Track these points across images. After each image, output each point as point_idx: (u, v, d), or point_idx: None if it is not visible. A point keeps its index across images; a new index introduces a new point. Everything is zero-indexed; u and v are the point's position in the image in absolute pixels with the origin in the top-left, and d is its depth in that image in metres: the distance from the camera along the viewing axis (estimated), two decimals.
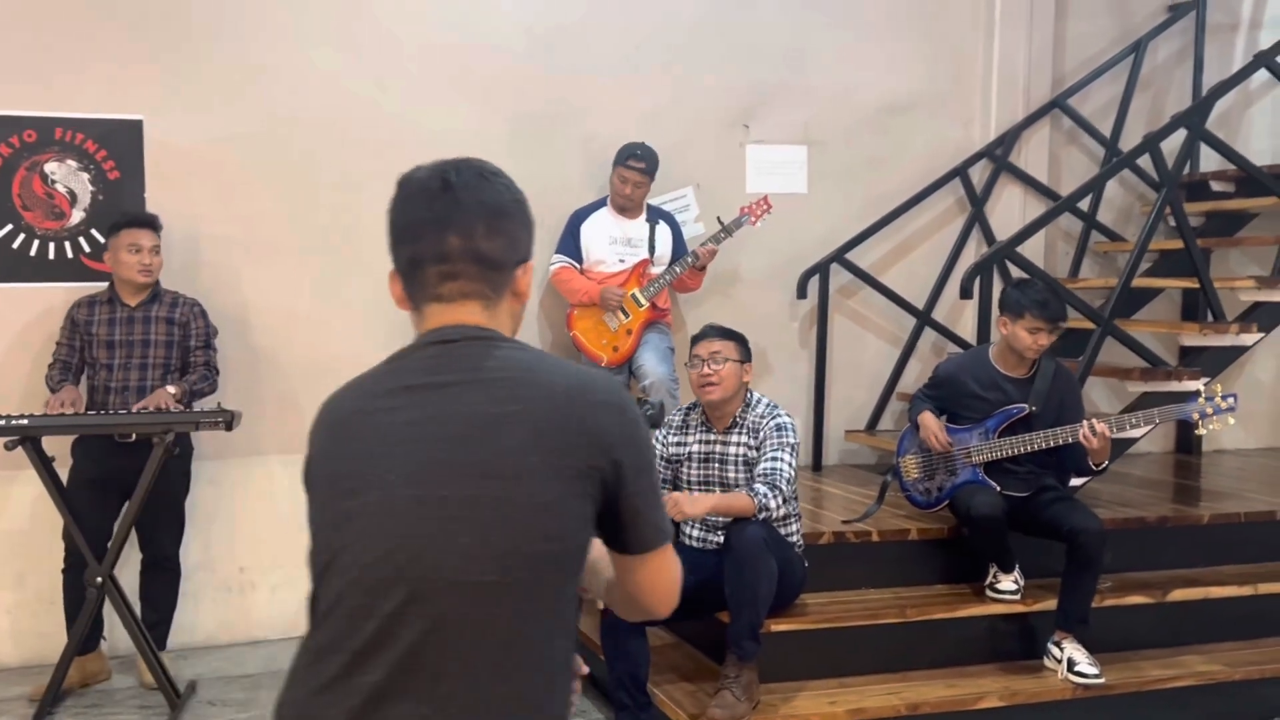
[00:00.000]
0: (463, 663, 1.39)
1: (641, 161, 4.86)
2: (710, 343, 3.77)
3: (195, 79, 4.67)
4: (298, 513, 4.54)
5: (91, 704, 4.18)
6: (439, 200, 1.52)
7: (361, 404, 1.51)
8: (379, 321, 4.91)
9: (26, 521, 4.56)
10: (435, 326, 1.54)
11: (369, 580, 1.41)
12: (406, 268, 1.56)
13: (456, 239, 1.51)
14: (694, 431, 3.85)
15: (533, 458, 1.42)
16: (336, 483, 1.47)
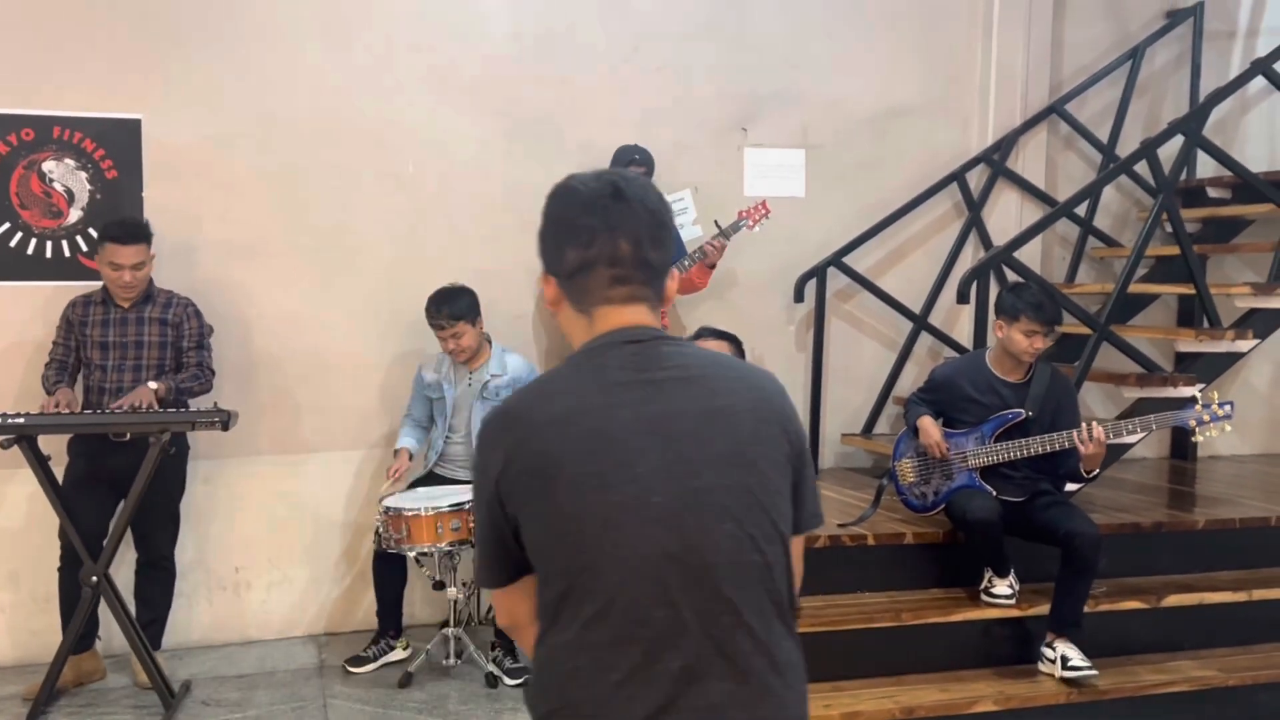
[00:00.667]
0: (750, 638, 1.51)
1: (642, 166, 4.86)
2: (704, 343, 3.77)
3: (193, 79, 4.67)
4: (293, 513, 4.59)
5: (86, 703, 4.17)
6: (613, 207, 1.58)
7: (578, 403, 1.54)
8: (373, 321, 4.96)
9: (22, 520, 4.56)
10: (617, 327, 1.60)
11: (650, 572, 1.48)
12: (573, 270, 1.60)
13: (627, 245, 1.59)
14: None
15: (758, 447, 1.56)
16: (580, 481, 1.50)
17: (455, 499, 4.26)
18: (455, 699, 4.19)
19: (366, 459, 4.99)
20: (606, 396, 1.53)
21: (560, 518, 1.50)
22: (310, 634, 4.94)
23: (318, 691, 4.29)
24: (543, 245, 1.65)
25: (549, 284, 1.65)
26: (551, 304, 1.66)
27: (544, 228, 1.65)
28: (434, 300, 4.51)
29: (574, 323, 1.64)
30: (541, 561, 1.54)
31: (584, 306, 1.61)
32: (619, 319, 1.60)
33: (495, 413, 1.61)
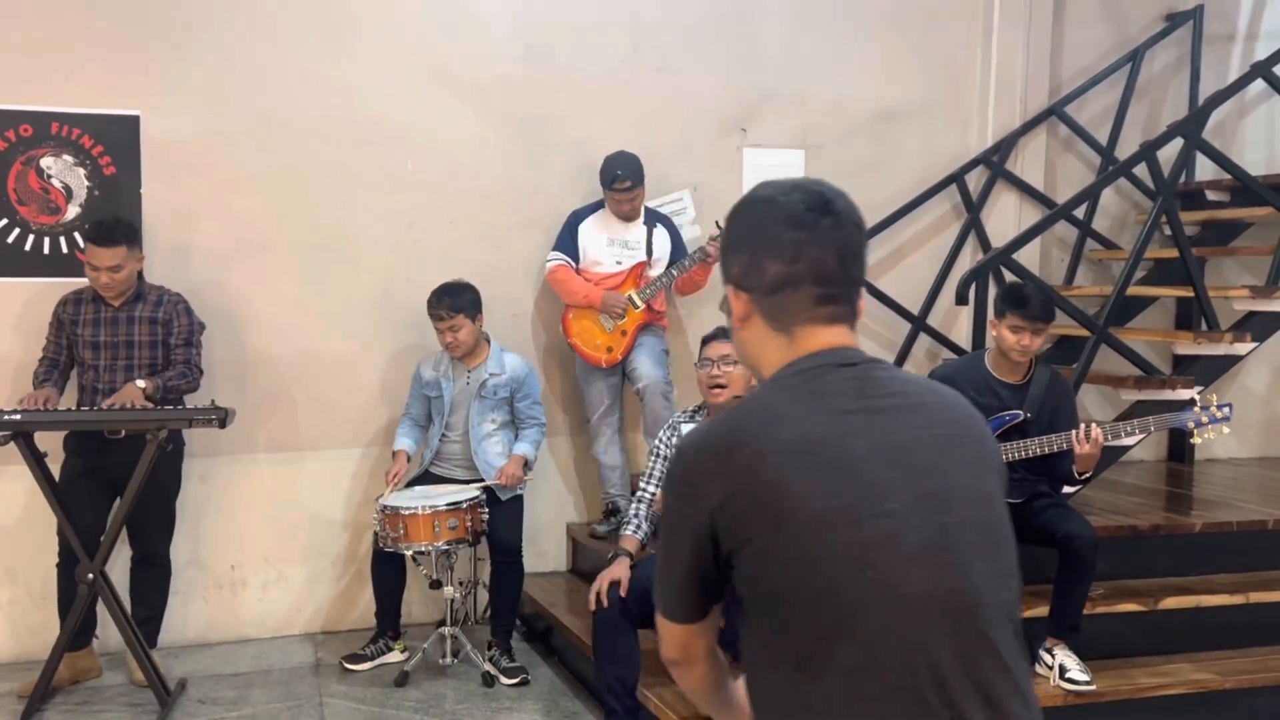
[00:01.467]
0: (1009, 680, 1.43)
1: (625, 180, 4.79)
2: (720, 344, 3.74)
3: (192, 76, 4.66)
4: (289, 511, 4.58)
5: (81, 701, 4.16)
6: (823, 222, 1.48)
7: (810, 431, 1.42)
8: (371, 319, 4.95)
9: (19, 517, 4.55)
10: (824, 348, 1.50)
11: (914, 616, 1.38)
12: (774, 286, 1.50)
13: (835, 262, 1.49)
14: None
15: (990, 478, 1.50)
16: (826, 518, 1.38)
17: (452, 498, 4.26)
18: (452, 698, 4.19)
19: (364, 457, 4.99)
20: (837, 425, 1.42)
21: (801, 557, 1.38)
22: (307, 632, 4.94)
23: (314, 690, 4.28)
24: (733, 257, 1.54)
25: (739, 299, 1.53)
26: (740, 320, 1.54)
27: (737, 238, 1.54)
28: (437, 292, 4.51)
29: (767, 341, 1.53)
30: (773, 602, 1.41)
31: (783, 325, 1.51)
32: (824, 339, 1.50)
33: (706, 437, 1.46)
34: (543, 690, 4.30)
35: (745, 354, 1.58)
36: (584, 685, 4.31)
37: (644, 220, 4.98)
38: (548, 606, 4.74)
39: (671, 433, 3.90)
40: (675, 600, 1.53)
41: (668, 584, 1.53)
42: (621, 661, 3.55)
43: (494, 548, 4.44)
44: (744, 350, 1.58)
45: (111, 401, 4.05)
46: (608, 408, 4.95)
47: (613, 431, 4.99)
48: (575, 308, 4.90)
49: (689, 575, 1.48)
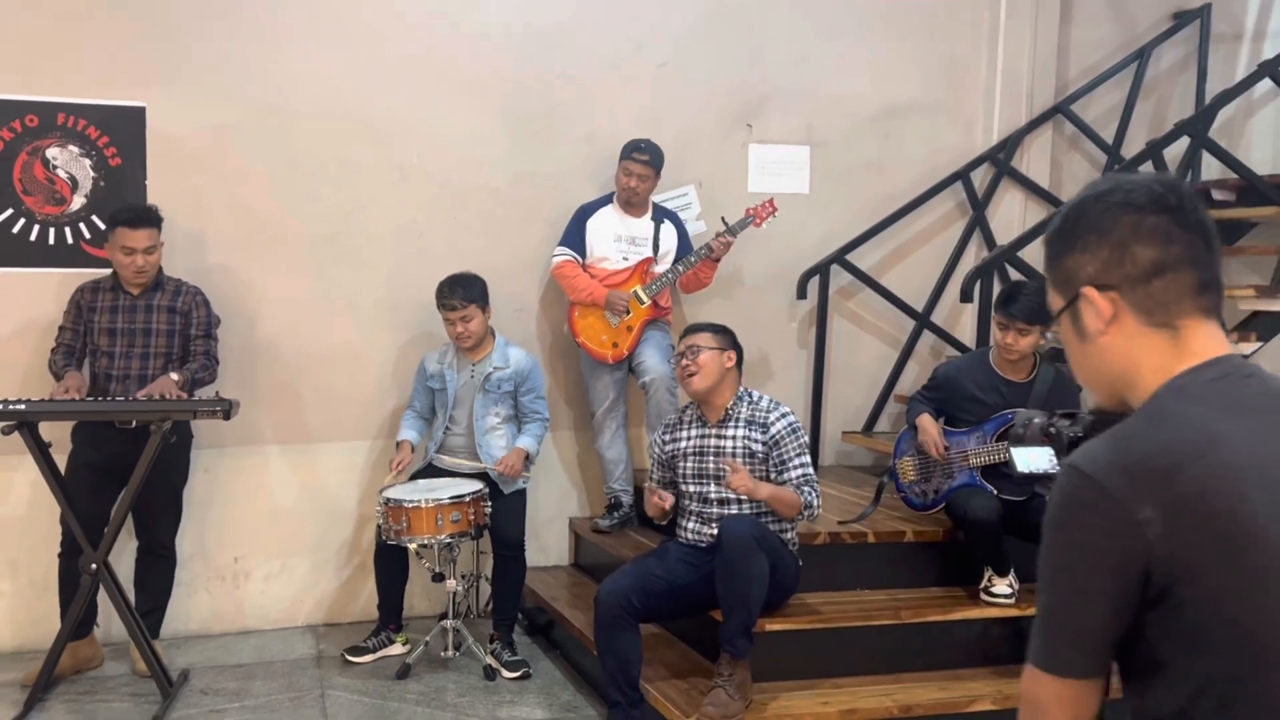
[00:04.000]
0: None
1: (645, 154, 4.85)
2: (686, 337, 3.86)
3: (196, 68, 4.66)
4: (294, 503, 4.59)
5: (84, 690, 4.17)
6: (1185, 204, 1.37)
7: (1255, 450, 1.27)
8: (376, 312, 4.96)
9: (23, 507, 4.55)
10: (1218, 355, 1.36)
11: None
12: (1148, 271, 1.36)
13: (1204, 246, 1.38)
14: (687, 428, 3.87)
15: None
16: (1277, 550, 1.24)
17: (455, 491, 4.26)
18: (453, 691, 4.19)
19: (368, 450, 4.99)
20: (1274, 443, 1.28)
21: (1251, 599, 1.24)
22: (309, 624, 4.95)
23: (315, 682, 4.29)
24: (1085, 256, 1.39)
25: (1103, 299, 1.38)
26: (1104, 323, 1.38)
27: (1086, 234, 1.40)
28: (447, 282, 4.52)
29: (1142, 343, 1.37)
30: (1184, 649, 1.27)
31: (1164, 318, 1.35)
32: (1212, 339, 1.36)
33: (1125, 455, 1.29)
34: (544, 683, 4.30)
35: (1105, 367, 1.41)
36: (585, 679, 4.31)
37: (651, 215, 4.99)
38: (549, 600, 4.74)
39: (665, 432, 3.93)
40: (1079, 649, 1.32)
41: (1068, 629, 1.32)
42: (623, 654, 3.56)
43: (496, 541, 4.44)
44: (1104, 362, 1.41)
45: (146, 392, 4.07)
46: (612, 402, 4.96)
47: (616, 426, 4.99)
48: (580, 304, 4.90)
49: (1105, 616, 1.29)
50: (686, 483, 3.81)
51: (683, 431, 3.87)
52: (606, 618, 3.56)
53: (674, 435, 3.89)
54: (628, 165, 4.86)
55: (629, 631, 3.56)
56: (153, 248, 4.25)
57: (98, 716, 3.95)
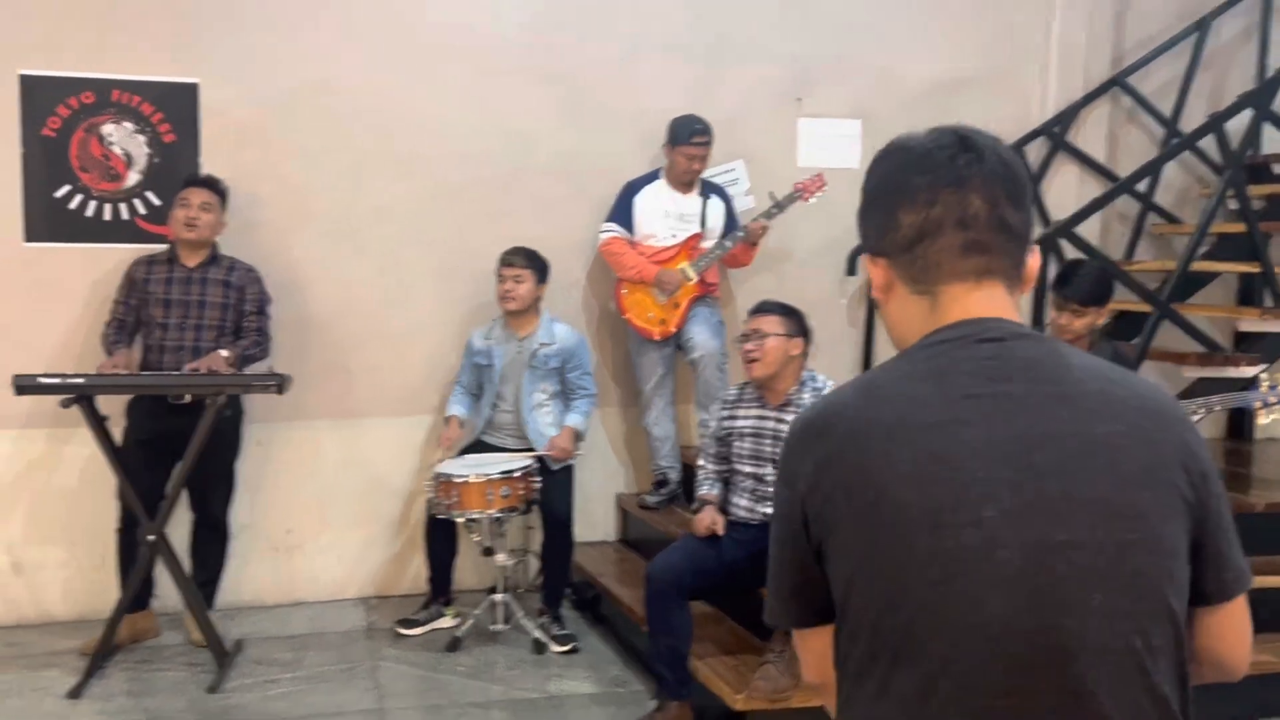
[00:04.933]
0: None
1: (705, 135, 4.81)
2: (755, 318, 3.77)
3: (248, 44, 4.68)
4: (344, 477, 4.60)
5: (141, 660, 4.24)
6: (959, 159, 1.28)
7: (912, 414, 1.22)
8: (423, 290, 4.97)
9: (78, 480, 4.62)
10: (966, 318, 1.28)
11: (986, 649, 1.15)
12: (910, 239, 1.29)
13: (981, 203, 1.27)
14: (745, 406, 3.83)
15: (1148, 492, 1.21)
16: (906, 517, 1.18)
17: (505, 466, 4.28)
18: (502, 664, 4.22)
19: (417, 425, 5.02)
20: (950, 410, 1.21)
21: (873, 558, 1.20)
22: (359, 596, 5.00)
23: (367, 653, 4.34)
24: (866, 220, 1.36)
25: (876, 267, 1.34)
26: (880, 291, 1.34)
27: (867, 198, 1.35)
28: (516, 246, 4.58)
29: (909, 310, 1.32)
30: (844, 605, 1.25)
31: (926, 285, 1.30)
32: (970, 304, 1.28)
33: (809, 412, 1.31)
34: (592, 658, 4.32)
35: (892, 334, 1.37)
36: (633, 654, 4.33)
37: (699, 191, 4.95)
38: (597, 576, 4.76)
39: (723, 407, 3.90)
40: (775, 598, 1.35)
41: (770, 580, 1.35)
42: (674, 631, 3.56)
43: (545, 517, 4.46)
44: (890, 330, 1.37)
45: (196, 366, 4.11)
46: (660, 379, 4.95)
47: (664, 403, 4.98)
48: (628, 281, 4.89)
49: (787, 570, 1.31)
50: (742, 462, 3.79)
51: (741, 410, 3.83)
52: (657, 594, 3.56)
53: (732, 413, 3.85)
54: (689, 150, 4.80)
55: (680, 608, 3.56)
56: (209, 205, 4.31)
57: (155, 685, 4.02)
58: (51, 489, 4.60)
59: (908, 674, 1.18)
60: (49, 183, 4.50)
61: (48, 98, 4.47)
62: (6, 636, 4.46)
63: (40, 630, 4.54)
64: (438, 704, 3.88)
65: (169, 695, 3.93)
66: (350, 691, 3.98)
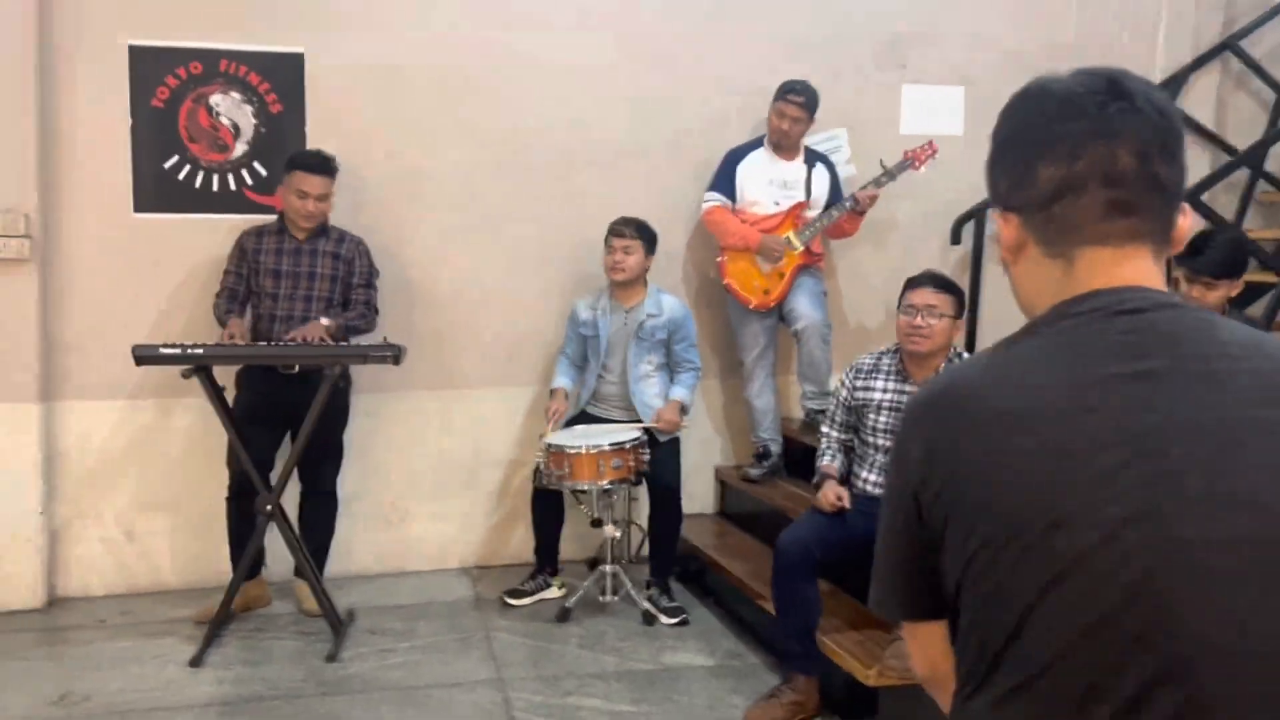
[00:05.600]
0: None
1: (800, 96, 4.74)
2: (928, 293, 3.58)
3: (354, 11, 4.66)
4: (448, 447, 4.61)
5: (255, 628, 4.28)
6: (1110, 106, 1.13)
7: (1037, 398, 1.10)
8: (529, 258, 4.95)
9: (184, 448, 4.66)
10: (1104, 286, 1.14)
11: (1098, 649, 1.04)
12: (1047, 196, 1.16)
13: (1131, 157, 1.13)
14: (884, 378, 3.72)
15: None
16: (1022, 512, 1.07)
17: (616, 438, 4.25)
18: (614, 635, 4.21)
19: (519, 396, 5.01)
20: (1078, 397, 1.08)
21: (983, 557, 1.09)
22: (463, 566, 5.01)
23: (477, 623, 4.34)
24: (998, 171, 1.22)
25: (1006, 224, 1.20)
26: (1009, 251, 1.21)
27: (1000, 146, 1.22)
28: (624, 217, 4.54)
29: (1041, 275, 1.18)
30: (955, 602, 1.15)
31: (1062, 248, 1.16)
32: (1110, 271, 1.14)
33: (928, 390, 1.19)
34: (702, 630, 4.30)
35: (1020, 300, 1.24)
36: (743, 627, 4.30)
37: (803, 159, 4.87)
38: (702, 548, 4.73)
39: (857, 375, 3.80)
40: (880, 587, 1.25)
41: (876, 567, 1.25)
42: (803, 606, 3.51)
43: (654, 488, 4.43)
44: (1018, 296, 1.24)
45: (295, 335, 4.12)
46: (762, 350, 4.89)
47: (766, 375, 4.93)
48: (731, 249, 4.83)
49: (895, 559, 1.21)
50: (875, 435, 3.71)
51: (878, 381, 3.73)
52: (786, 568, 3.52)
53: (867, 382, 3.75)
54: (781, 107, 4.75)
55: (809, 583, 3.51)
56: (326, 195, 4.29)
57: (272, 654, 4.05)
58: (160, 458, 4.64)
59: (1016, 682, 1.09)
60: (157, 154, 4.51)
61: (156, 69, 4.47)
62: (122, 604, 4.52)
63: (153, 598, 4.59)
64: (554, 674, 3.88)
65: (286, 664, 3.96)
66: (466, 661, 3.99)
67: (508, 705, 3.64)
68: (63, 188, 4.41)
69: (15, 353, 4.30)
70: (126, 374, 4.46)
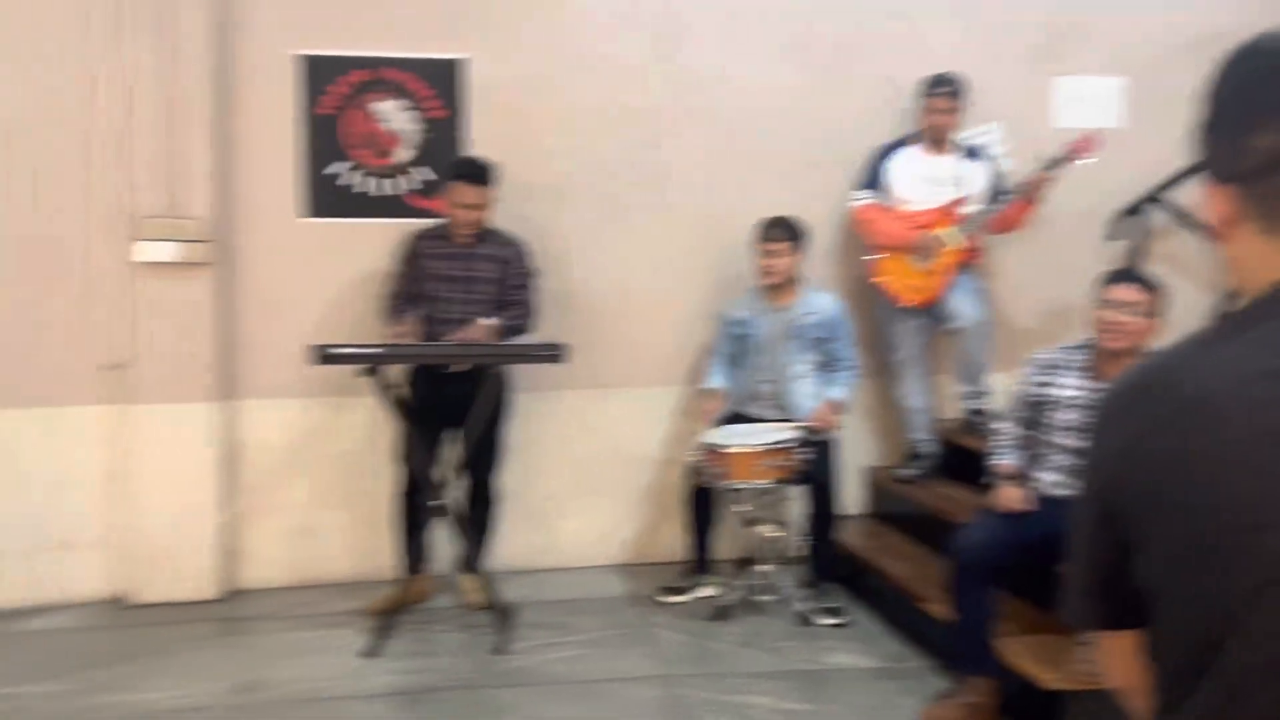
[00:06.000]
0: None
1: (948, 86, 4.69)
2: (1129, 290, 3.49)
3: (514, 18, 4.75)
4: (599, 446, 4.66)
5: (422, 621, 4.38)
6: None
7: (1245, 391, 1.00)
8: (679, 259, 4.99)
9: (355, 446, 4.81)
10: None
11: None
12: (1262, 167, 1.04)
13: None
14: (1069, 374, 3.63)
15: None
16: (1225, 510, 0.99)
17: (775, 437, 4.26)
18: (774, 635, 4.22)
19: (667, 395, 5.05)
20: (1273, 388, 0.99)
21: (1184, 561, 1.02)
22: (614, 563, 5.07)
23: (637, 619, 4.39)
24: (1209, 139, 1.11)
25: (1219, 196, 1.09)
26: (1223, 226, 1.09)
27: (1213, 113, 1.10)
28: (773, 218, 4.53)
29: (1255, 254, 1.06)
30: (1152, 610, 1.07)
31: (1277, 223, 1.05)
32: None
33: (1125, 379, 1.11)
34: (862, 632, 4.28)
35: (1235, 280, 1.12)
36: (904, 629, 4.27)
37: (957, 154, 4.81)
38: (855, 549, 4.70)
39: (1039, 371, 3.72)
40: (1072, 591, 1.18)
41: (1069, 568, 1.17)
42: (981, 609, 3.47)
43: (810, 489, 4.42)
44: (1233, 276, 1.12)
45: (460, 337, 4.22)
46: (914, 350, 4.85)
47: (919, 374, 4.89)
48: (883, 248, 4.79)
49: (1085, 560, 1.14)
50: (1058, 434, 3.63)
51: (1064, 379, 3.64)
52: (966, 570, 3.47)
53: (1049, 378, 3.67)
54: (931, 102, 4.70)
55: (987, 586, 3.46)
56: (484, 204, 4.37)
57: (441, 646, 4.15)
58: (331, 455, 4.80)
59: (1221, 697, 1.01)
60: (323, 160, 4.66)
61: (322, 76, 4.62)
62: (298, 596, 4.68)
63: (325, 590, 4.75)
64: (719, 672, 3.91)
65: (456, 656, 4.06)
66: (631, 657, 4.04)
67: (680, 701, 3.68)
68: (236, 194, 4.59)
69: (195, 354, 4.49)
70: (297, 374, 4.64)
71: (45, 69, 4.36)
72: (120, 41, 4.34)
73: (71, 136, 4.40)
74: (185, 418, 4.50)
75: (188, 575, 4.57)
